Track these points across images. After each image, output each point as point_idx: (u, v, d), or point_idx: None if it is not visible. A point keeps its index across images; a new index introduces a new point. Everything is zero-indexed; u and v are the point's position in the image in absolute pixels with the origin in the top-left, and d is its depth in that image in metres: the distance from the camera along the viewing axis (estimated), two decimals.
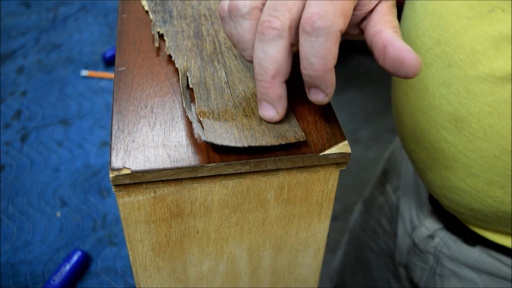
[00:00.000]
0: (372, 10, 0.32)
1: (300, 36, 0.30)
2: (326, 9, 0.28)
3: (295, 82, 0.38)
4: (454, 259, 0.57)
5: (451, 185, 0.48)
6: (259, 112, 0.33)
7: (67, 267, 0.59)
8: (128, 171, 0.31)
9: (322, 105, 0.34)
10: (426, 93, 0.46)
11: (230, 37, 0.34)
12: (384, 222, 0.73)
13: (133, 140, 0.33)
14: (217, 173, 0.32)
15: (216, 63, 0.39)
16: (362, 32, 0.34)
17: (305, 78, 0.31)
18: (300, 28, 0.29)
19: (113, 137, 0.33)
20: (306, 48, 0.29)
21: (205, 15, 0.45)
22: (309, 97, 0.33)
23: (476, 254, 0.54)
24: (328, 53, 0.29)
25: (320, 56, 0.29)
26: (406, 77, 0.30)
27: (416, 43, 0.46)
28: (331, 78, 0.31)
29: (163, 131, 0.34)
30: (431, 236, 0.58)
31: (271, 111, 0.33)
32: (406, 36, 0.48)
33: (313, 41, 0.29)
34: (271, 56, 0.30)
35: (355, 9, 0.31)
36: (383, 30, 0.31)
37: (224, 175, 0.33)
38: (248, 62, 0.39)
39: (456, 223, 0.55)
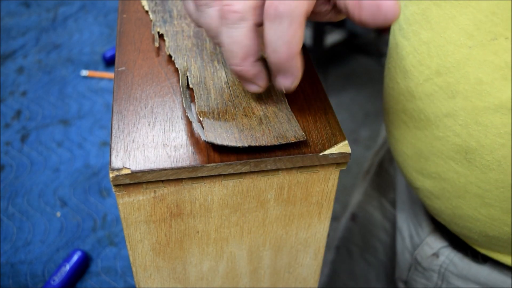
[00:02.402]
0: None
1: (264, 22, 0.29)
2: None
3: None
4: (462, 276, 0.54)
5: (463, 214, 0.46)
6: (244, 86, 0.34)
7: (67, 267, 0.59)
8: (128, 171, 0.31)
9: (289, 91, 0.33)
10: (428, 124, 0.44)
11: (200, 27, 0.34)
12: (383, 237, 0.71)
13: (133, 140, 0.33)
14: (217, 173, 0.32)
15: (216, 63, 0.39)
16: (334, 7, 0.32)
17: (271, 64, 0.31)
18: (264, 14, 0.29)
19: (113, 137, 0.33)
20: (270, 34, 0.29)
21: None
22: (275, 84, 0.32)
23: (486, 272, 0.52)
24: (293, 38, 0.29)
25: (284, 42, 0.29)
26: (386, 22, 0.29)
27: (412, 73, 0.43)
28: (297, 63, 0.30)
29: (163, 131, 0.34)
30: (436, 255, 0.56)
31: (253, 86, 0.33)
32: (400, 66, 0.45)
33: (276, 26, 0.28)
34: (236, 40, 0.30)
35: None
36: None
37: (224, 175, 0.33)
38: None
39: (463, 242, 0.53)
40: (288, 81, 0.31)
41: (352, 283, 0.79)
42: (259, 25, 0.30)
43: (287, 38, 0.29)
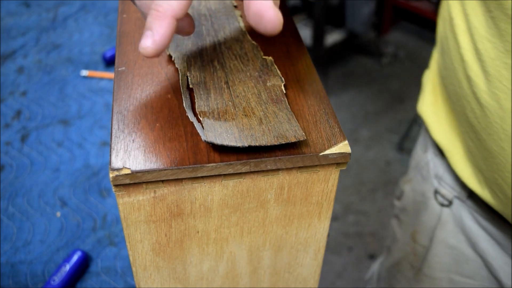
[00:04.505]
0: None
1: None
2: None
3: (294, 84, 0.38)
4: None
5: None
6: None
7: (67, 267, 0.59)
8: (128, 171, 0.31)
9: (146, 54, 0.32)
10: None
11: None
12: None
13: (133, 140, 0.33)
14: (217, 173, 0.32)
15: (216, 63, 0.39)
16: None
17: (148, 18, 0.32)
18: None
19: (113, 137, 0.33)
20: None
21: (205, 15, 0.45)
22: (140, 44, 0.33)
23: None
24: (170, 6, 0.31)
25: (170, 2, 0.31)
26: (266, 32, 0.31)
27: None
28: (168, 27, 0.32)
29: (163, 131, 0.34)
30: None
31: (147, 40, 0.34)
32: None
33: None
34: None
35: None
36: None
37: (224, 175, 0.33)
38: (247, 62, 0.39)
39: None
40: (149, 41, 0.32)
41: None
42: None
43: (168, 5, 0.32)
